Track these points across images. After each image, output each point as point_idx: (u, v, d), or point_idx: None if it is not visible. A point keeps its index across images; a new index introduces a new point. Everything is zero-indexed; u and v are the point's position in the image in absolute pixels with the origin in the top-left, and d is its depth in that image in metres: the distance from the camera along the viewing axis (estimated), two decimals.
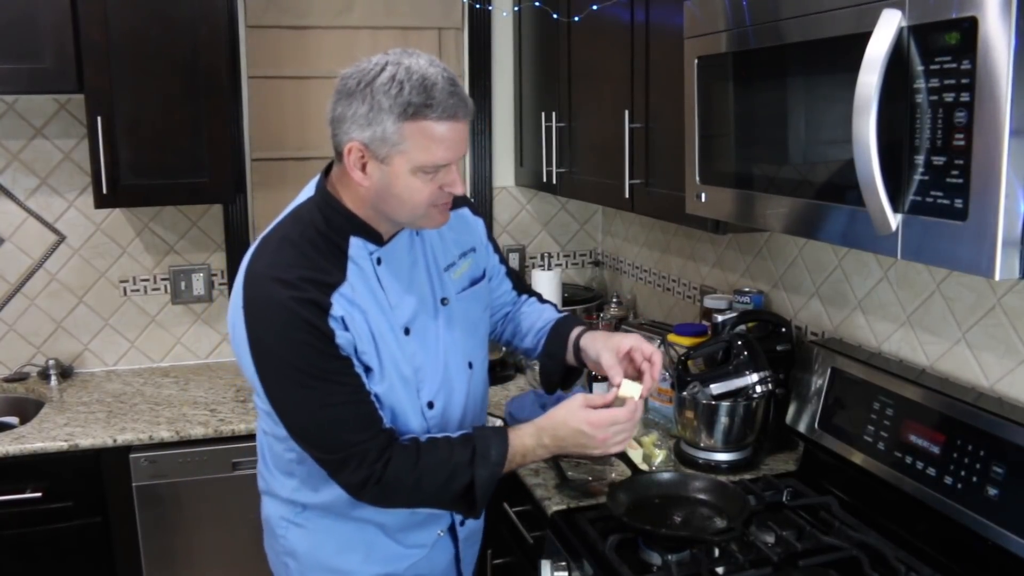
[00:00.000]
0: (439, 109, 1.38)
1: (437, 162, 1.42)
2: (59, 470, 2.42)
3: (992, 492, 1.52)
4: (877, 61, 1.21)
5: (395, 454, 1.50)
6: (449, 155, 1.43)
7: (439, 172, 1.45)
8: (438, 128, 1.39)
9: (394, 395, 1.57)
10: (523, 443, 1.58)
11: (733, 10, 1.61)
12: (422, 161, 1.41)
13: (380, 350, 1.54)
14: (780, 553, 1.63)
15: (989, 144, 1.10)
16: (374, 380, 1.54)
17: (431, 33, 3.14)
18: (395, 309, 1.56)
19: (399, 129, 1.39)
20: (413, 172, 1.42)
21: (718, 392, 2.05)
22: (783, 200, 1.52)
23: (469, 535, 1.83)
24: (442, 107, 1.38)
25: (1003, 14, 1.06)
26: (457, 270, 1.69)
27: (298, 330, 1.43)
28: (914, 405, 1.72)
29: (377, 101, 1.38)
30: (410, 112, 1.38)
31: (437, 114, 1.38)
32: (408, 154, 1.41)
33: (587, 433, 1.55)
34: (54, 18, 2.49)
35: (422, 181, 1.43)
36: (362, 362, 1.52)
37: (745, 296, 2.33)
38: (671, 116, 2.02)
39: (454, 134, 1.41)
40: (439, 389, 1.64)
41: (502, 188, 3.31)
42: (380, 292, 1.55)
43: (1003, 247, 1.11)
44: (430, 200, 1.46)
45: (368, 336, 1.52)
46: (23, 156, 2.89)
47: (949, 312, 1.79)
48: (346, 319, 1.47)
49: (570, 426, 1.56)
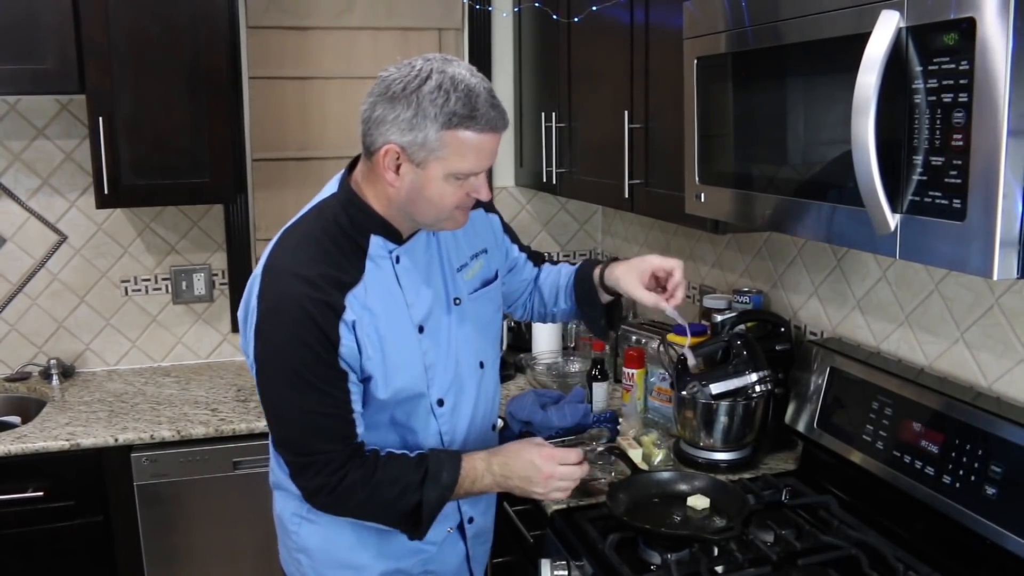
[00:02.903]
0: (482, 121, 1.42)
1: (473, 170, 1.46)
2: (61, 469, 2.43)
3: (990, 491, 1.52)
4: (876, 61, 1.22)
5: (354, 467, 1.53)
6: (484, 164, 1.47)
7: (469, 178, 1.48)
8: (478, 139, 1.43)
9: (403, 395, 1.59)
10: (474, 468, 1.60)
11: (732, 11, 1.62)
12: (458, 168, 1.44)
13: (387, 352, 1.54)
14: (779, 552, 1.64)
15: (987, 144, 1.10)
16: (377, 388, 1.55)
17: (431, 34, 3.15)
18: (411, 307, 1.58)
19: (441, 137, 1.41)
20: (446, 178, 1.45)
21: (717, 392, 2.05)
22: (782, 200, 1.53)
23: (478, 533, 1.83)
24: (485, 119, 1.42)
25: (1001, 15, 1.07)
26: (469, 271, 1.70)
27: (307, 332, 1.45)
28: (913, 404, 1.72)
29: (423, 108, 1.40)
30: (454, 122, 1.40)
31: (480, 126, 1.42)
32: (445, 161, 1.43)
33: (536, 465, 1.58)
34: (56, 19, 2.49)
35: (453, 187, 1.47)
36: (364, 370, 1.53)
37: (744, 296, 2.34)
38: (671, 116, 2.02)
39: (492, 144, 1.45)
40: (449, 387, 1.66)
41: (502, 188, 3.31)
42: (397, 290, 1.57)
43: (1001, 247, 1.11)
44: (457, 204, 1.50)
45: (376, 340, 1.53)
46: (25, 156, 2.90)
47: (948, 312, 1.80)
48: (356, 323, 1.49)
49: (522, 457, 1.60)
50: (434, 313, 1.62)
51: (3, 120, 2.86)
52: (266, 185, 3.07)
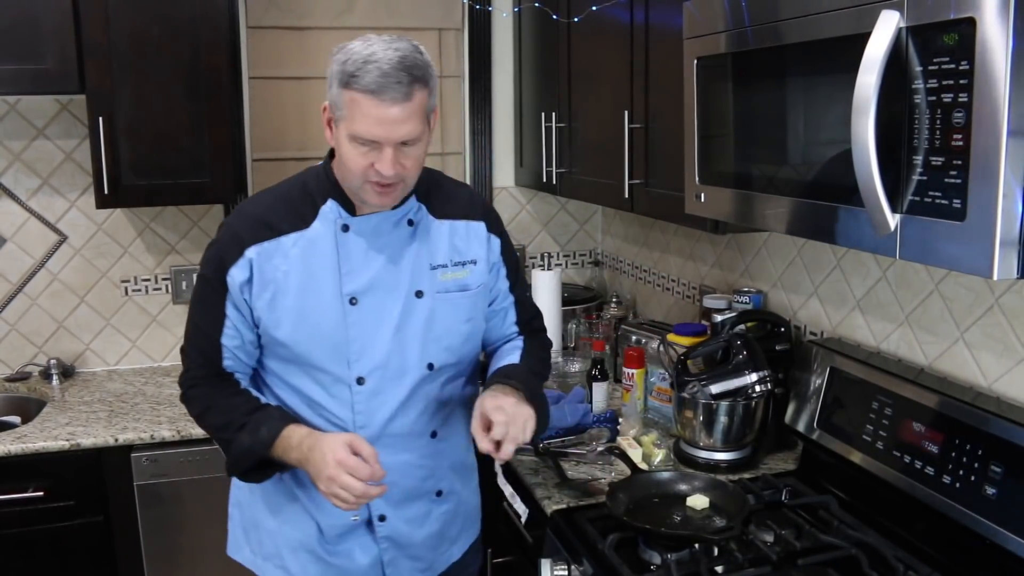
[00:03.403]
0: (363, 81, 1.45)
1: (362, 134, 1.48)
2: (61, 469, 2.43)
3: (990, 491, 1.52)
4: (876, 62, 1.22)
5: (205, 384, 1.66)
6: (375, 131, 1.47)
7: (373, 149, 1.50)
8: (365, 102, 1.46)
9: (317, 358, 1.62)
10: (291, 437, 1.57)
11: (732, 11, 1.62)
12: (353, 130, 1.48)
13: (305, 304, 1.60)
14: (779, 552, 1.64)
15: (987, 144, 1.10)
16: (278, 330, 1.61)
17: (431, 34, 3.15)
18: (345, 276, 1.60)
19: (340, 95, 1.48)
20: (350, 140, 1.50)
21: (717, 392, 2.05)
22: (782, 200, 1.53)
23: (400, 543, 1.74)
24: (366, 80, 1.44)
25: (1001, 15, 1.07)
26: (448, 273, 1.69)
27: (214, 254, 1.62)
28: (913, 404, 1.72)
29: (332, 66, 1.51)
30: (344, 80, 1.47)
31: (361, 86, 1.45)
32: (346, 121, 1.49)
33: (327, 462, 1.48)
34: (56, 19, 2.50)
35: (356, 152, 1.50)
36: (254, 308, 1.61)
37: (744, 296, 2.34)
38: (670, 116, 2.02)
39: (379, 111, 1.46)
40: (376, 371, 1.63)
41: (502, 188, 3.31)
42: (332, 255, 1.61)
43: (1001, 247, 1.11)
44: (362, 174, 1.52)
45: (281, 284, 1.60)
46: (25, 156, 2.90)
47: (947, 312, 1.80)
48: (257, 261, 1.58)
49: (323, 448, 1.51)
50: (378, 293, 1.62)
51: (3, 120, 2.86)
52: (266, 185, 3.06)
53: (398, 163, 1.50)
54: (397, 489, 1.68)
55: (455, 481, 1.80)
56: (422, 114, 1.51)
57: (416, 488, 1.73)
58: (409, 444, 1.69)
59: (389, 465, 1.61)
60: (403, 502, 1.72)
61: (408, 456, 1.69)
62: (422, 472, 1.72)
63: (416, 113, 1.49)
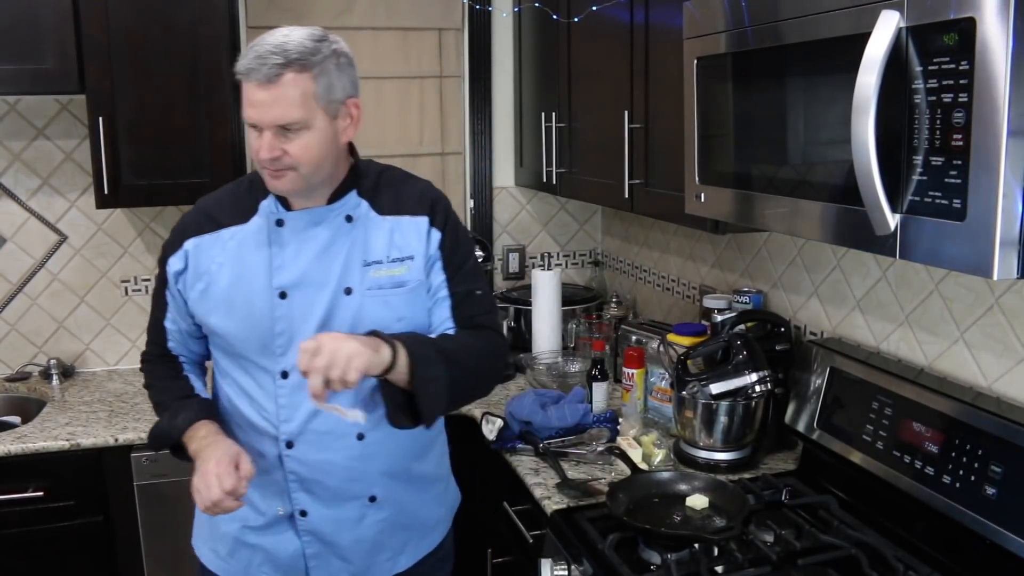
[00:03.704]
0: (239, 66, 1.51)
1: (244, 118, 1.53)
2: (61, 469, 2.43)
3: (990, 491, 1.52)
4: (876, 62, 1.22)
5: (153, 363, 1.79)
6: (249, 114, 1.52)
7: (260, 135, 1.53)
8: (244, 85, 1.51)
9: (247, 349, 1.66)
10: (199, 430, 1.65)
11: (732, 11, 1.62)
12: (244, 115, 1.54)
13: (236, 296, 1.64)
14: (779, 552, 1.64)
15: (987, 144, 1.10)
16: (210, 317, 1.66)
17: (431, 34, 3.15)
18: (277, 270, 1.62)
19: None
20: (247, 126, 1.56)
21: (717, 392, 2.05)
22: (782, 200, 1.53)
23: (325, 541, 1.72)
24: (241, 65, 1.50)
25: (1001, 15, 1.07)
26: (380, 270, 1.65)
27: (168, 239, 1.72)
28: (913, 404, 1.72)
29: None
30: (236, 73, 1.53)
31: (239, 70, 1.51)
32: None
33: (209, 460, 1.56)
34: (56, 19, 2.50)
35: (251, 137, 1.56)
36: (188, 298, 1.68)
37: (744, 296, 2.34)
38: (670, 116, 2.02)
39: (250, 94, 1.50)
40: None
41: (502, 188, 3.32)
42: (265, 249, 1.64)
43: (1001, 247, 1.11)
44: (256, 158, 1.56)
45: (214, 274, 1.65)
46: (25, 156, 2.90)
47: (947, 312, 1.80)
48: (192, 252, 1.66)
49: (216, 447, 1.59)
50: (308, 288, 1.62)
51: (3, 120, 2.86)
52: None
53: (276, 147, 1.52)
54: (321, 488, 1.68)
55: (395, 489, 1.74)
56: (300, 98, 1.50)
57: (343, 489, 1.69)
58: (332, 443, 1.66)
59: (312, 462, 1.67)
60: (330, 502, 1.70)
61: (331, 455, 1.67)
62: (348, 473, 1.69)
63: (288, 97, 1.49)
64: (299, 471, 1.68)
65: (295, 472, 1.68)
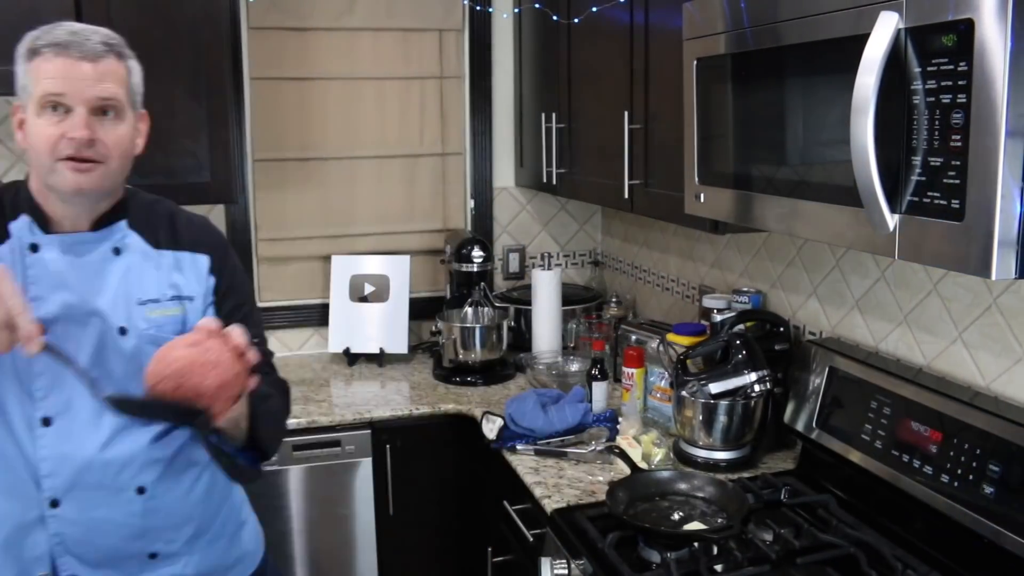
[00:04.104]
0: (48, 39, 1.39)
1: (50, 90, 1.37)
2: None
3: (988, 490, 1.53)
4: (875, 62, 1.22)
5: None
6: (61, 86, 1.37)
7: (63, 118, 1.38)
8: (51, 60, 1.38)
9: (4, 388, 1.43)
10: None
11: (732, 12, 1.62)
12: (39, 93, 1.38)
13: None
14: (778, 551, 1.65)
15: (985, 145, 1.11)
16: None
17: (432, 34, 3.15)
18: (34, 301, 1.39)
19: (26, 72, 1.40)
20: (38, 110, 1.39)
21: (717, 391, 2.06)
22: (781, 200, 1.53)
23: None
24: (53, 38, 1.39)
25: (999, 16, 1.08)
26: (157, 309, 1.50)
27: None
28: (911, 404, 1.73)
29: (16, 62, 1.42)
30: (29, 54, 1.40)
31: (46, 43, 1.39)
32: (32, 94, 1.39)
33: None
34: (57, 20, 2.48)
35: (46, 122, 1.38)
36: None
37: (744, 296, 2.34)
38: (670, 117, 2.03)
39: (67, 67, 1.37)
40: (63, 411, 1.44)
41: (502, 188, 3.32)
42: (20, 279, 1.41)
43: (999, 247, 1.12)
44: (53, 148, 1.38)
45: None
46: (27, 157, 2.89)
47: (946, 312, 1.80)
48: None
49: None
50: (69, 324, 1.43)
51: (5, 121, 2.87)
52: (267, 186, 3.07)
53: (92, 130, 1.38)
54: (94, 549, 1.48)
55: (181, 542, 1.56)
56: (121, 84, 1.42)
57: (119, 549, 1.50)
58: (108, 499, 1.47)
59: (84, 521, 1.46)
60: (103, 564, 1.50)
61: (107, 512, 1.48)
62: (127, 531, 1.50)
63: (112, 76, 1.40)
64: (67, 533, 1.46)
65: (61, 534, 1.46)
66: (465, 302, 2.98)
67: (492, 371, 2.86)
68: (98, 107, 1.40)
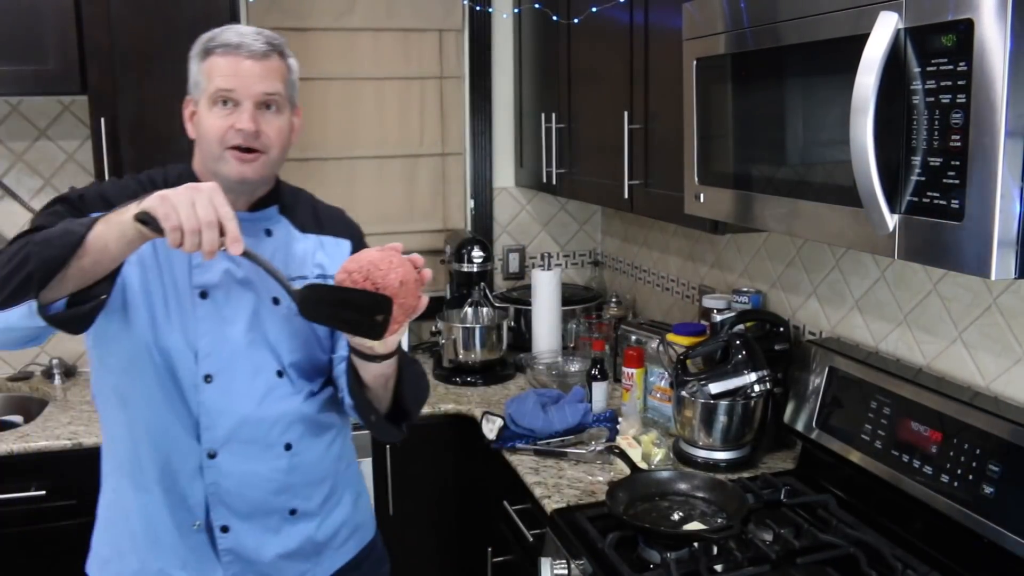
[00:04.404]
0: (220, 41, 1.52)
1: (221, 87, 1.50)
2: (62, 469, 2.43)
3: (988, 490, 1.53)
4: (874, 63, 1.23)
5: None
6: (234, 83, 1.50)
7: (232, 111, 1.50)
8: (223, 59, 1.51)
9: (168, 340, 1.52)
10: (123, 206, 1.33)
11: (731, 12, 1.62)
12: (210, 91, 1.51)
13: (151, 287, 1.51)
14: (778, 551, 1.65)
15: (985, 145, 1.11)
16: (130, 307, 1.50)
17: (432, 35, 3.15)
18: (195, 269, 1.54)
19: (199, 70, 1.54)
20: (209, 105, 1.52)
21: (716, 391, 2.06)
22: (781, 201, 1.53)
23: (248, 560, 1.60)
24: (224, 40, 1.52)
25: (999, 16, 1.08)
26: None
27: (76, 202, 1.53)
28: (911, 404, 1.73)
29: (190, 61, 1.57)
30: (202, 52, 1.54)
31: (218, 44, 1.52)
32: (205, 90, 1.52)
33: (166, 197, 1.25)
34: (58, 21, 2.50)
35: (216, 116, 1.51)
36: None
37: (743, 296, 2.35)
38: (670, 117, 2.03)
39: (236, 65, 1.50)
40: (224, 370, 1.54)
41: (502, 189, 3.32)
42: None
43: (999, 247, 1.12)
44: (221, 139, 1.50)
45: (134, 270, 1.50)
46: (27, 157, 2.90)
47: (946, 312, 1.80)
48: None
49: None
50: (228, 292, 1.54)
51: (5, 121, 2.87)
52: None
53: (257, 123, 1.50)
54: (242, 500, 1.58)
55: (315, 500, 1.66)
56: (283, 80, 1.54)
57: (265, 502, 1.60)
58: (259, 454, 1.58)
59: (236, 474, 1.56)
60: (250, 516, 1.60)
61: (256, 466, 1.58)
62: (272, 486, 1.60)
63: (275, 74, 1.53)
64: (221, 483, 1.56)
65: (216, 484, 1.56)
66: (465, 302, 2.98)
67: (492, 371, 2.86)
68: (262, 101, 1.52)
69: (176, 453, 1.56)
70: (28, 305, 1.29)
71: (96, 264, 1.31)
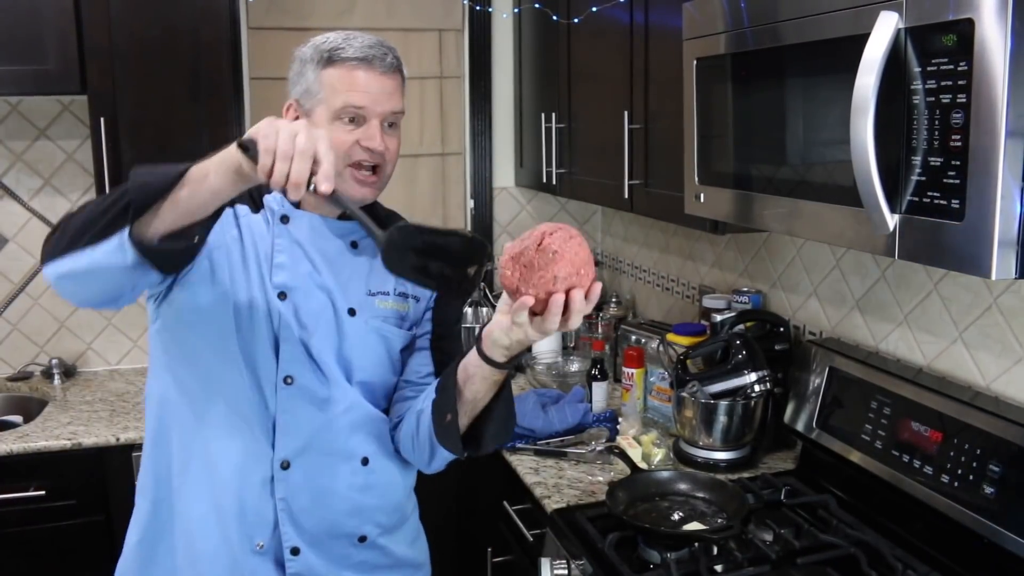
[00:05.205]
0: (349, 53, 1.43)
1: (352, 103, 1.42)
2: (62, 469, 2.43)
3: (988, 490, 1.53)
4: (875, 62, 1.22)
5: None
6: (365, 100, 1.43)
7: (358, 126, 1.44)
8: (352, 72, 1.43)
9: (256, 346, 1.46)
10: None
11: (731, 12, 1.62)
12: (338, 104, 1.43)
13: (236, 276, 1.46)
14: (778, 551, 1.65)
15: (985, 145, 1.11)
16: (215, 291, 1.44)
17: (432, 34, 3.15)
18: (274, 268, 1.48)
19: (318, 77, 1.44)
20: (333, 119, 1.44)
21: (717, 391, 2.06)
22: (781, 200, 1.53)
23: None
24: (353, 52, 1.43)
25: (999, 16, 1.07)
26: (386, 301, 1.55)
27: None
28: (911, 404, 1.73)
29: (299, 60, 1.48)
30: (323, 60, 1.44)
31: (347, 56, 1.43)
32: (326, 101, 1.44)
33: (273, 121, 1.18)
34: (58, 20, 2.50)
35: (341, 130, 1.43)
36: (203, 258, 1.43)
37: (744, 296, 2.34)
38: (670, 117, 2.03)
39: (368, 80, 1.43)
40: (303, 372, 1.48)
41: (502, 189, 3.32)
42: (266, 241, 1.49)
43: (999, 247, 1.12)
44: (346, 154, 1.43)
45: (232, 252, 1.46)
46: (27, 157, 2.90)
47: (946, 312, 1.80)
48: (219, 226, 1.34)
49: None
50: (306, 294, 1.48)
51: (5, 120, 2.87)
52: None
53: (383, 141, 1.44)
54: (313, 519, 1.50)
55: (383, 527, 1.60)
56: (403, 97, 1.50)
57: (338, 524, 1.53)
58: (335, 467, 1.51)
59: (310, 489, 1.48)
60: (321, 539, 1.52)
61: (330, 482, 1.51)
62: (346, 505, 1.53)
63: (400, 91, 1.49)
64: (293, 499, 1.48)
65: (286, 500, 1.48)
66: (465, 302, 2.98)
67: None
68: (388, 120, 1.47)
69: (249, 458, 1.47)
70: (120, 236, 1.19)
71: (194, 197, 1.23)
